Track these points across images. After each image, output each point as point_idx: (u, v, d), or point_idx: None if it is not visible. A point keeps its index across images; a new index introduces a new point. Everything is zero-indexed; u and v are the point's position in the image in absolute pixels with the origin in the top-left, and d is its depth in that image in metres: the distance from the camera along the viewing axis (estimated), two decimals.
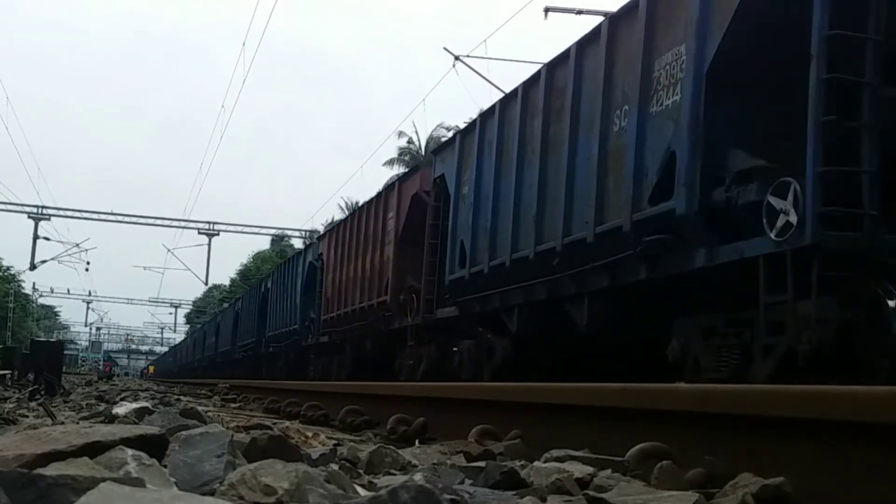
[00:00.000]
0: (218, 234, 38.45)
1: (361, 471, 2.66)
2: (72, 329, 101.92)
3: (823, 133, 5.01)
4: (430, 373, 11.51)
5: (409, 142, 46.54)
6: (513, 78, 11.10)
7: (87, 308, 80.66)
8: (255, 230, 41.40)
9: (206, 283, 44.02)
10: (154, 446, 1.86)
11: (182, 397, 11.52)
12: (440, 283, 11.42)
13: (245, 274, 62.09)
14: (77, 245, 45.23)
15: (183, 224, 38.96)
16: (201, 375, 36.14)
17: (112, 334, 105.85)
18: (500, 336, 9.64)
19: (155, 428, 2.16)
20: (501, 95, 10.16)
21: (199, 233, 38.37)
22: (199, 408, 5.51)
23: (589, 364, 7.69)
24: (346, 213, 32.81)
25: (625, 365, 7.09)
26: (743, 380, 5.22)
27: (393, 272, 13.93)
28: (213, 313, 52.53)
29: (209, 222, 38.48)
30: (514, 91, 9.36)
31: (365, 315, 14.64)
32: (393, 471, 2.76)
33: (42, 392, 10.60)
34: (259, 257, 62.55)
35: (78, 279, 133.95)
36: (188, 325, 79.42)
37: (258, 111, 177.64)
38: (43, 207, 37.21)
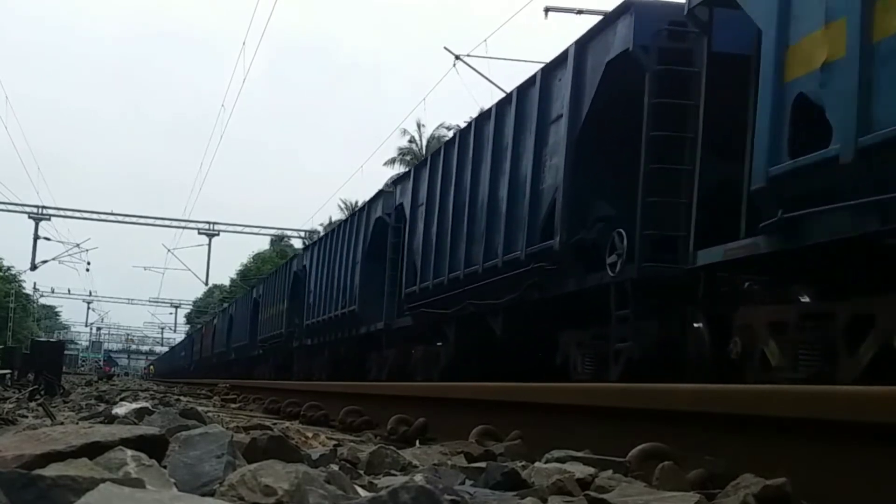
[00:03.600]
0: (218, 234, 38.47)
1: (362, 471, 2.66)
2: (72, 329, 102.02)
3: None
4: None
5: (411, 141, 46.59)
6: (513, 78, 11.19)
7: (88, 308, 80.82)
8: (255, 230, 41.44)
9: (207, 284, 44.10)
10: (154, 447, 1.85)
11: (182, 397, 11.52)
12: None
13: (245, 274, 62.05)
14: (77, 245, 45.26)
15: (183, 224, 39.00)
16: (198, 376, 36.73)
17: (112, 334, 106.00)
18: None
19: (155, 428, 2.16)
20: (501, 95, 10.29)
21: (200, 233, 38.39)
22: (199, 408, 5.50)
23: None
24: (346, 213, 33.13)
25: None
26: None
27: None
28: (211, 313, 52.61)
29: (209, 222, 38.52)
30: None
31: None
32: (393, 471, 2.75)
33: (42, 392, 10.60)
34: (259, 257, 62.54)
35: (78, 279, 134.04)
36: (188, 325, 79.43)
37: (259, 111, 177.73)
38: (43, 207, 37.25)
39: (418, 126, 45.65)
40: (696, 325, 6.28)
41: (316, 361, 18.58)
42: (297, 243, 44.37)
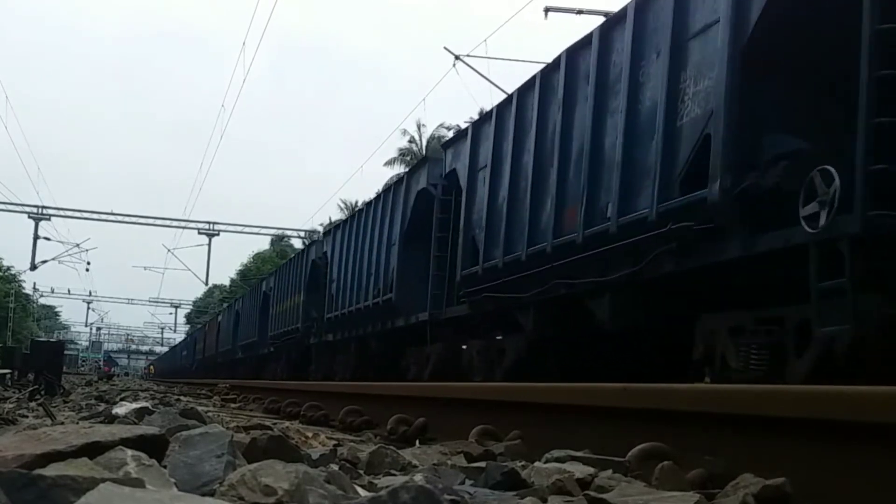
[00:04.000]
0: (218, 234, 38.44)
1: (361, 471, 2.66)
2: (72, 329, 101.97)
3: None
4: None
5: (411, 141, 46.59)
6: (513, 78, 11.10)
7: (88, 308, 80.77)
8: (255, 230, 41.40)
9: (207, 283, 44.06)
10: (154, 446, 1.85)
11: (182, 397, 11.52)
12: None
13: (245, 274, 62.09)
14: (77, 245, 45.25)
15: (183, 224, 38.96)
16: (201, 376, 34.48)
17: (112, 334, 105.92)
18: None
19: (155, 428, 2.16)
20: (502, 96, 10.20)
21: (199, 233, 38.36)
22: (199, 408, 5.50)
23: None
24: (346, 213, 31.99)
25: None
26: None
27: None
28: (211, 314, 52.45)
29: (209, 222, 38.48)
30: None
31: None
32: (393, 471, 2.75)
33: (42, 392, 10.60)
34: (259, 257, 62.56)
35: (78, 279, 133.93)
36: (188, 325, 79.43)
37: (259, 111, 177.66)
38: (43, 207, 37.23)
39: (418, 127, 45.69)
40: None
41: (339, 359, 16.45)
42: (297, 243, 44.40)
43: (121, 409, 4.31)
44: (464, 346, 10.58)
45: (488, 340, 9.95)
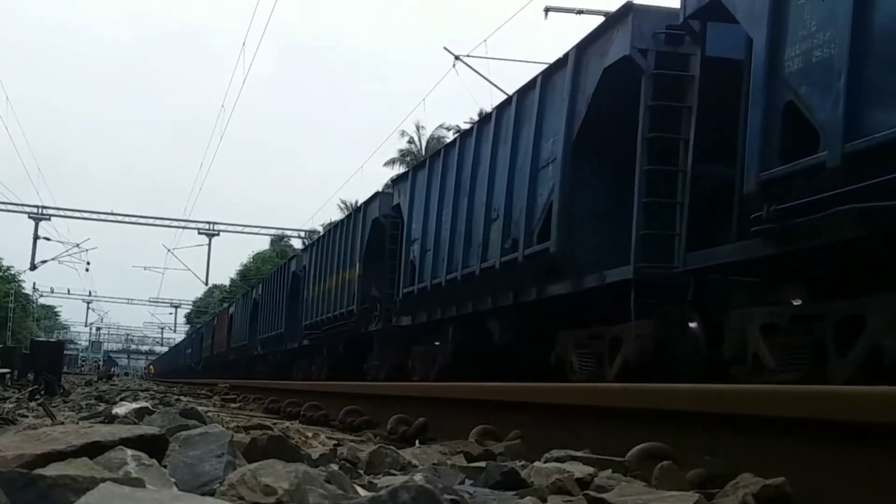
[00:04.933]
0: (218, 234, 38.49)
1: (361, 471, 2.66)
2: (72, 329, 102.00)
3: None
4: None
5: (410, 141, 46.60)
6: (513, 78, 11.14)
7: (88, 308, 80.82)
8: (255, 230, 41.46)
9: (207, 283, 44.11)
10: (154, 446, 1.86)
11: (182, 397, 11.52)
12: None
13: (245, 274, 62.12)
14: (77, 245, 45.30)
15: (183, 224, 39.02)
16: (209, 376, 30.86)
17: (112, 334, 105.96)
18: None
19: (155, 428, 2.16)
20: (501, 96, 10.35)
21: (199, 233, 38.42)
22: (199, 408, 5.51)
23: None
24: (346, 213, 31.77)
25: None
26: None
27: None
28: (213, 313, 52.28)
29: (209, 222, 38.54)
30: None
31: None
32: (393, 471, 2.76)
33: (42, 392, 10.60)
34: (259, 257, 62.59)
35: (78, 279, 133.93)
36: (188, 325, 79.44)
37: (259, 111, 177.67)
38: (43, 207, 37.27)
39: (417, 128, 45.68)
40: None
41: (418, 352, 12.12)
42: (297, 243, 44.38)
43: (121, 409, 4.31)
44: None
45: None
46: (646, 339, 6.58)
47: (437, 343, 11.66)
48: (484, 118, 10.43)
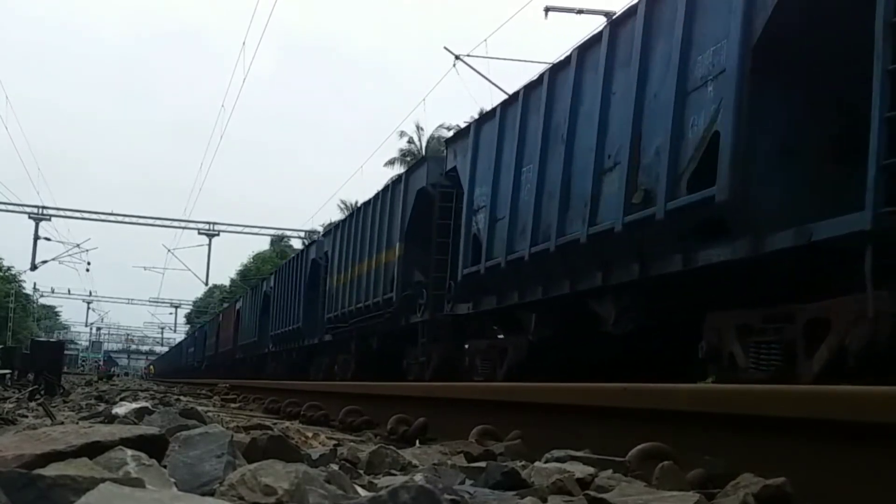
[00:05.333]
0: (218, 235, 38.51)
1: (361, 471, 2.66)
2: (72, 329, 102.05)
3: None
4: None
5: (410, 141, 46.59)
6: (513, 78, 11.11)
7: (88, 308, 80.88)
8: (255, 230, 41.48)
9: (207, 284, 44.12)
10: (154, 446, 1.85)
11: (182, 397, 11.52)
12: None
13: (245, 274, 62.13)
14: (77, 245, 45.34)
15: (183, 224, 39.04)
16: (213, 376, 29.16)
17: (112, 334, 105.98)
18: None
19: (155, 428, 2.16)
20: (503, 96, 10.14)
21: (200, 233, 38.45)
22: (199, 408, 5.50)
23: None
24: (346, 213, 29.91)
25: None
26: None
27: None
28: (211, 314, 52.18)
29: (209, 222, 38.56)
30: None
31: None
32: (393, 471, 2.75)
33: (42, 392, 10.60)
34: (259, 257, 62.60)
35: (78, 279, 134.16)
36: (188, 326, 79.43)
37: (259, 111, 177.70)
38: (43, 208, 37.29)
39: (417, 128, 45.66)
40: None
41: (476, 347, 10.11)
42: (297, 244, 44.37)
43: (121, 409, 4.31)
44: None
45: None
46: (883, 320, 4.42)
47: (503, 336, 9.64)
48: (588, 42, 7.89)
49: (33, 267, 38.78)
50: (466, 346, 10.29)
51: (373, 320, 13.77)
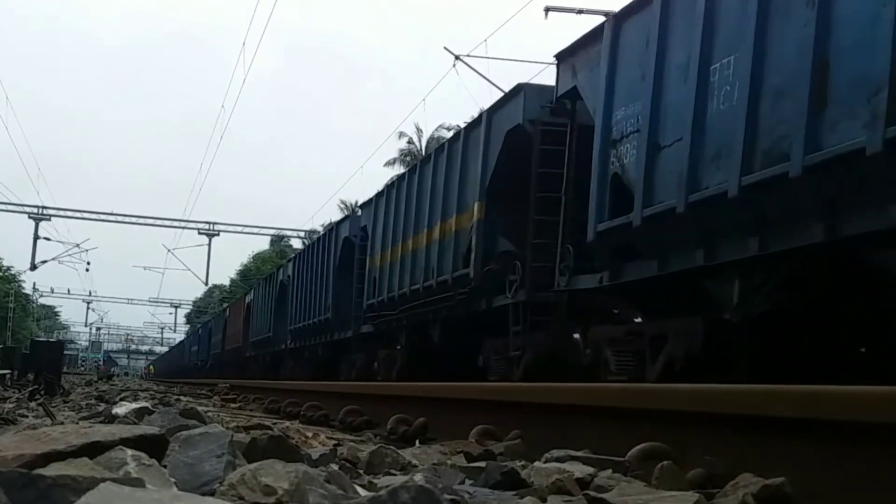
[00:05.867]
0: (218, 235, 38.50)
1: (361, 471, 2.66)
2: (72, 329, 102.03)
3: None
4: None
5: (409, 142, 46.56)
6: (513, 78, 11.13)
7: (88, 308, 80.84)
8: (255, 230, 41.46)
9: (207, 283, 44.10)
10: (154, 446, 1.86)
11: (182, 397, 11.52)
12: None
13: (245, 274, 62.16)
14: (77, 245, 45.30)
15: (183, 224, 39.03)
16: (219, 375, 26.34)
17: (112, 334, 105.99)
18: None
19: (155, 428, 2.16)
20: (501, 95, 10.18)
21: (199, 233, 38.43)
22: (199, 408, 5.51)
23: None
24: (346, 213, 27.29)
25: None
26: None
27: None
28: (211, 313, 52.13)
29: (209, 222, 38.55)
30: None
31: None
32: (393, 471, 2.76)
33: (42, 392, 10.60)
34: (259, 257, 62.61)
35: (78, 279, 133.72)
36: (188, 325, 79.44)
37: (259, 111, 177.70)
38: (43, 208, 37.29)
39: (417, 129, 45.63)
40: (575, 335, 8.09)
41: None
42: (297, 244, 44.37)
43: (121, 409, 4.32)
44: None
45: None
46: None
47: (647, 320, 6.91)
48: None
49: (33, 267, 38.81)
50: (576, 336, 8.10)
51: (435, 305, 10.97)
